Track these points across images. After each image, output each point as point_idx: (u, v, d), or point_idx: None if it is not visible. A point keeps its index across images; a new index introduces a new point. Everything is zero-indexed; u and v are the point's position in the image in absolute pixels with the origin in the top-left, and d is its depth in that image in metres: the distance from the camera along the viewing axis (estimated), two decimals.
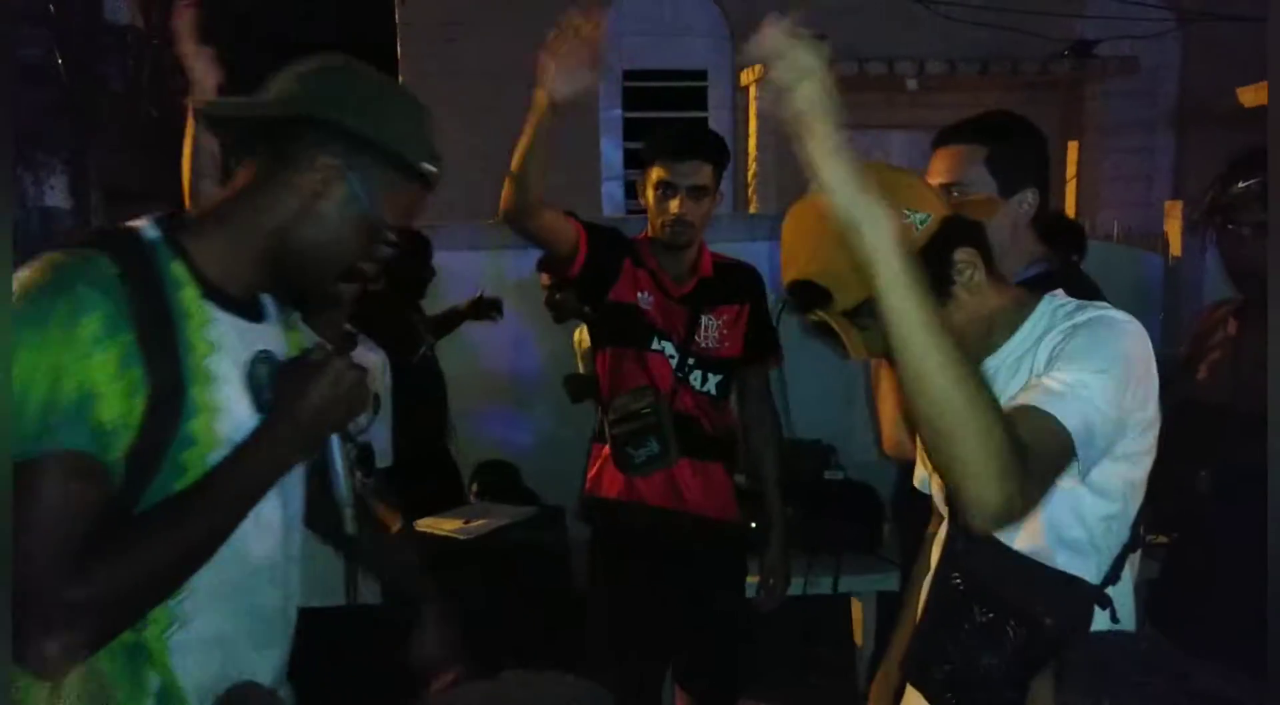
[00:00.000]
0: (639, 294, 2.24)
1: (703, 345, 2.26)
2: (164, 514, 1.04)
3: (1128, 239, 5.52)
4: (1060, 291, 1.30)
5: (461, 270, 3.87)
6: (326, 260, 1.17)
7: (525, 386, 4.16)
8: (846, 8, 7.17)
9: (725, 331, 2.28)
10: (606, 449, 2.26)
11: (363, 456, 1.98)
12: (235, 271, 1.15)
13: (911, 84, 7.23)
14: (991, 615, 1.22)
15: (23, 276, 1.02)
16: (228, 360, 1.11)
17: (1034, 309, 1.26)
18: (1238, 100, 7.27)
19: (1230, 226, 1.74)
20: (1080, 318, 1.20)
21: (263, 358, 1.16)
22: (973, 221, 1.22)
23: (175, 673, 1.10)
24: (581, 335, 3.34)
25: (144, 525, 1.04)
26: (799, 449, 3.11)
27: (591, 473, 2.31)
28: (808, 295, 1.16)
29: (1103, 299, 1.60)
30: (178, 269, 1.10)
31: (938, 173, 1.69)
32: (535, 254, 3.94)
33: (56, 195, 10.98)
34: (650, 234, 2.27)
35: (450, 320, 3.78)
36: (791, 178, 2.31)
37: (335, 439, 1.18)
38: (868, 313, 1.15)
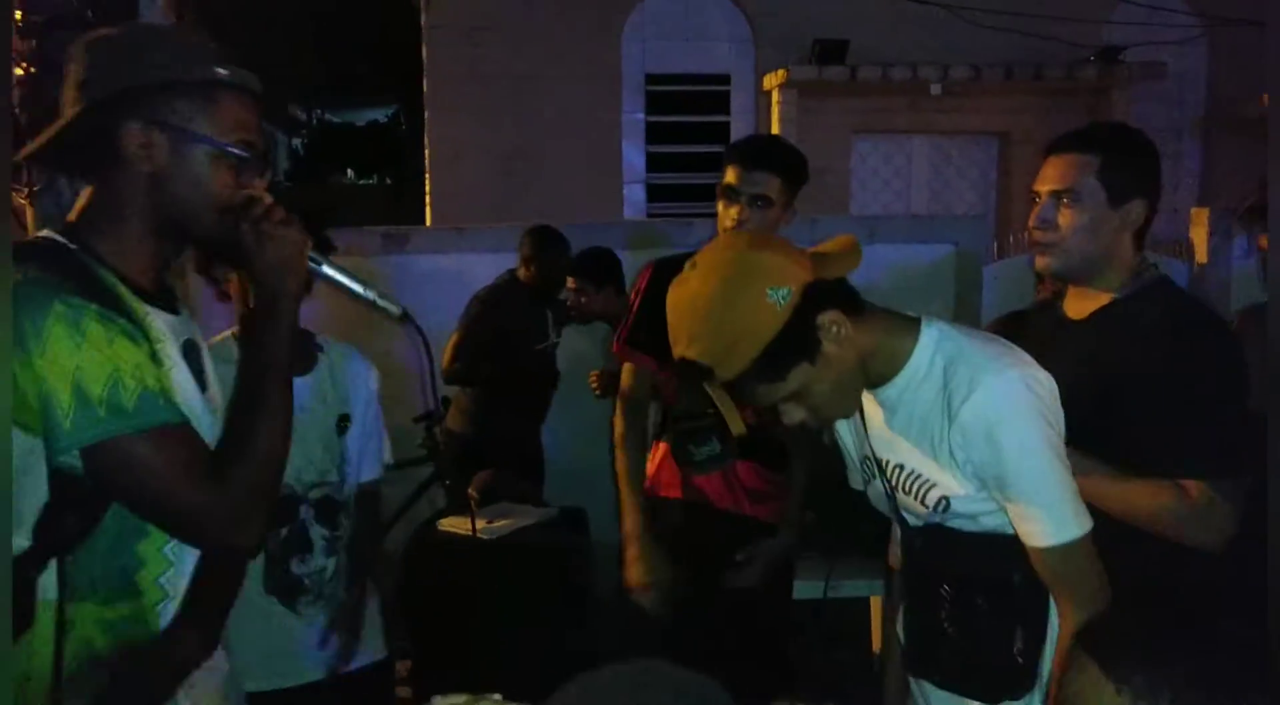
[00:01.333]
0: None
1: None
2: (239, 410, 1.21)
3: (1153, 245, 5.48)
4: (932, 319, 1.39)
5: (486, 275, 3.90)
6: (200, 202, 1.23)
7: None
8: (871, 13, 7.18)
9: None
10: (665, 446, 2.31)
11: (323, 512, 2.03)
12: (144, 263, 1.24)
13: (935, 89, 7.22)
14: (961, 591, 1.41)
15: None
16: (172, 348, 1.23)
17: (916, 340, 1.36)
18: (1264, 106, 7.22)
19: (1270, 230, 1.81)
20: (969, 411, 1.30)
21: (190, 345, 1.28)
22: (831, 283, 1.30)
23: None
24: None
25: (229, 425, 1.21)
26: (822, 452, 3.12)
27: (651, 470, 2.35)
28: (691, 371, 1.27)
29: (1196, 306, 1.70)
30: (105, 273, 1.20)
31: (1048, 180, 1.70)
32: None
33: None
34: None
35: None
36: (814, 181, 2.32)
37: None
38: (746, 385, 1.29)
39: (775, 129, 7.40)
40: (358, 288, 1.36)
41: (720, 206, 2.23)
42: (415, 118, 9.36)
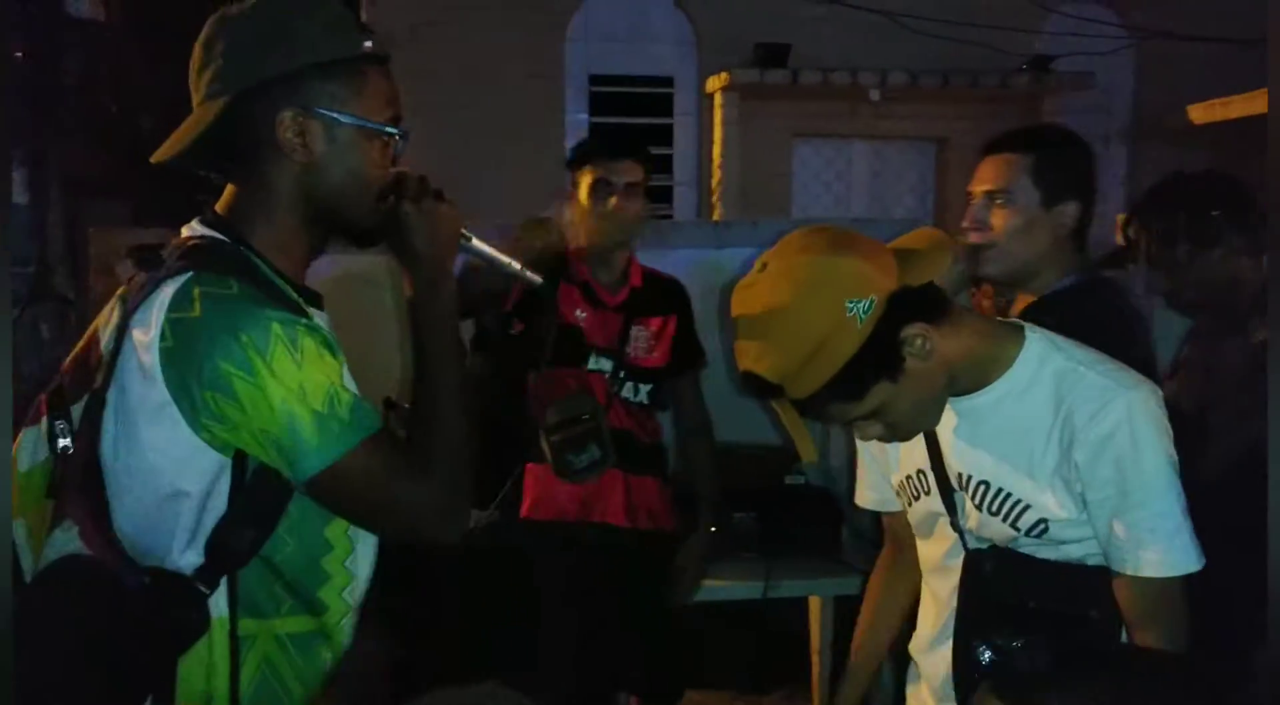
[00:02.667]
0: (576, 312, 2.27)
1: (633, 355, 2.31)
2: (424, 398, 1.18)
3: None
4: (1033, 327, 1.32)
5: None
6: (357, 187, 1.18)
7: None
8: (811, 18, 7.26)
9: (653, 342, 2.35)
10: (538, 470, 2.29)
11: None
12: (299, 258, 1.19)
13: (874, 94, 7.32)
14: (1045, 624, 1.27)
15: (196, 314, 1.06)
16: (342, 356, 1.18)
17: (1019, 348, 1.27)
18: (1188, 117, 7.46)
19: (1157, 250, 1.89)
20: (1102, 427, 1.20)
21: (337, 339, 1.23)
22: (917, 290, 1.19)
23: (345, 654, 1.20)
24: None
25: (419, 417, 1.17)
26: (760, 454, 3.16)
27: (528, 498, 2.32)
28: (758, 386, 1.18)
29: (1131, 310, 1.69)
30: (277, 279, 1.16)
31: (983, 180, 1.70)
32: None
33: (15, 190, 10.79)
34: (583, 240, 2.30)
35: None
36: (755, 184, 2.36)
37: None
38: (817, 407, 1.19)
39: (717, 131, 7.45)
40: (504, 260, 1.34)
41: (586, 203, 2.25)
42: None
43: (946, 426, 1.32)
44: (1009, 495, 1.27)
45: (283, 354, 1.05)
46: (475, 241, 1.30)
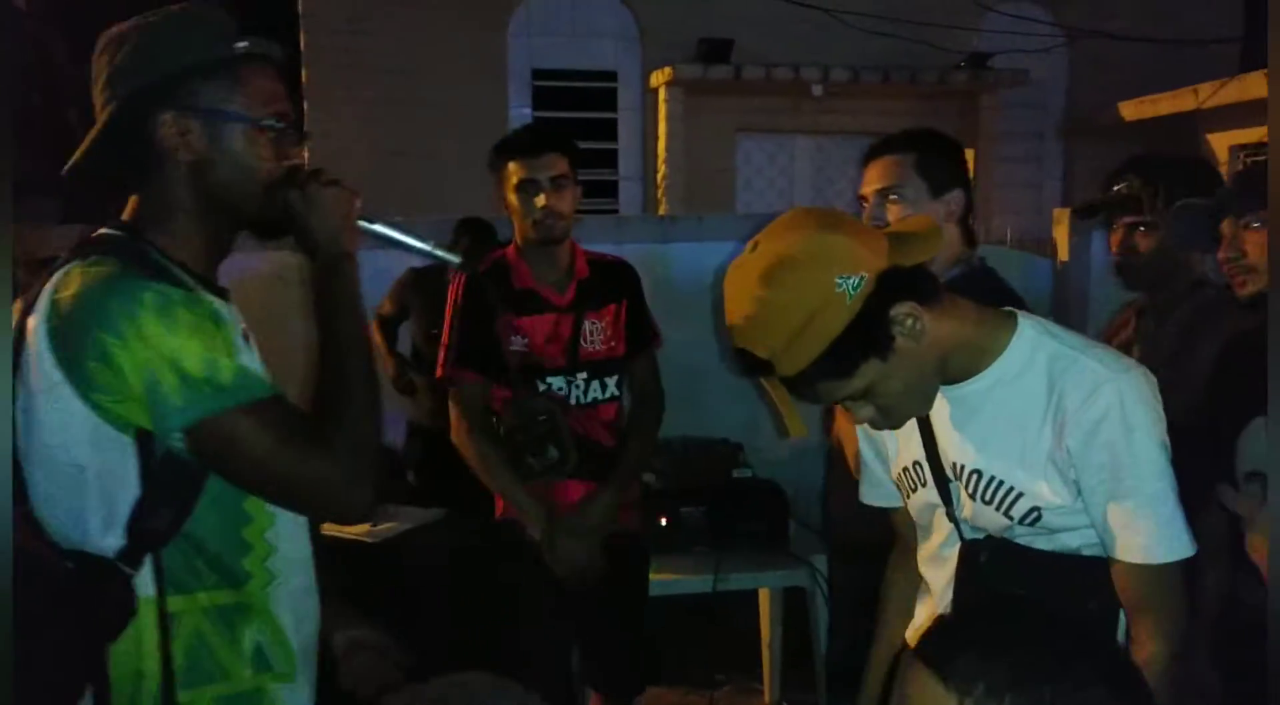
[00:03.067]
0: (513, 338, 2.22)
1: (589, 350, 2.26)
2: (327, 375, 1.20)
3: (1019, 244, 5.75)
4: (1025, 314, 1.32)
5: (375, 268, 3.79)
6: (245, 181, 1.22)
7: None
8: (754, 14, 7.30)
9: (609, 332, 2.29)
10: None
11: None
12: (201, 254, 1.24)
13: (817, 90, 7.40)
14: (1030, 612, 1.24)
15: (74, 291, 1.10)
16: (236, 333, 1.21)
17: (1011, 334, 1.26)
18: (1119, 114, 7.66)
19: (1113, 223, 2.01)
20: (1094, 411, 1.20)
21: (246, 333, 1.25)
22: (908, 271, 1.18)
23: (281, 626, 1.23)
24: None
25: (321, 395, 1.19)
26: (707, 447, 3.16)
27: (500, 500, 2.29)
28: (748, 363, 1.18)
29: (1014, 297, 1.71)
30: (171, 266, 1.19)
31: (874, 180, 1.79)
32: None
33: None
34: (517, 240, 2.25)
35: None
36: (700, 179, 2.36)
37: None
38: (807, 385, 1.18)
39: (661, 126, 7.46)
40: (415, 241, 1.34)
41: (515, 204, 2.18)
42: (293, 109, 9.04)
43: (940, 415, 1.31)
44: (1002, 483, 1.27)
45: (152, 320, 1.09)
46: (376, 225, 1.32)
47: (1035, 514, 1.26)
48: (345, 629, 1.46)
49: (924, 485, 1.36)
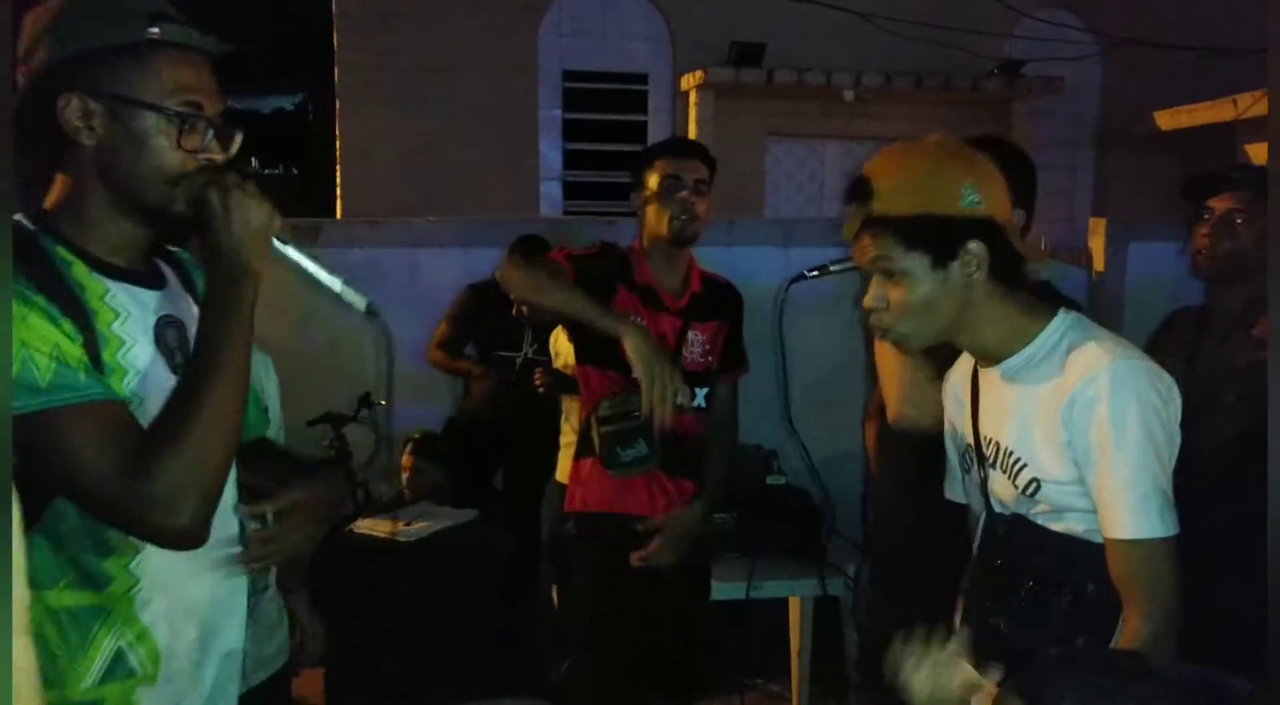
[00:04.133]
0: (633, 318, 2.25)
1: (689, 359, 2.31)
2: (180, 390, 1.14)
3: (1053, 254, 5.70)
4: (1068, 309, 1.41)
5: (391, 268, 3.82)
6: (148, 169, 1.18)
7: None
8: (786, 18, 7.27)
9: (708, 346, 2.36)
10: (587, 465, 2.29)
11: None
12: (112, 240, 1.20)
13: (848, 95, 7.36)
14: (1038, 588, 1.36)
15: None
16: (136, 325, 1.18)
17: (1048, 322, 1.38)
18: (1155, 123, 7.58)
19: (1206, 214, 2.06)
20: (1091, 390, 1.29)
21: (168, 321, 1.23)
22: (1012, 246, 1.32)
23: (150, 632, 1.18)
24: (557, 346, 3.28)
25: (172, 406, 1.13)
26: (742, 455, 3.15)
27: (575, 490, 2.33)
28: (855, 187, 1.31)
29: (1075, 304, 1.72)
30: (62, 251, 1.17)
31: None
32: (470, 252, 3.90)
33: None
34: (652, 234, 2.30)
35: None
36: (729, 183, 2.37)
37: None
38: (880, 228, 1.30)
39: (691, 129, 7.44)
40: (323, 276, 1.29)
41: (656, 198, 2.27)
42: (325, 107, 9.10)
43: (983, 393, 1.44)
44: (1011, 453, 1.38)
45: None
46: (290, 251, 1.25)
47: (1035, 485, 1.35)
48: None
49: (975, 464, 1.47)
